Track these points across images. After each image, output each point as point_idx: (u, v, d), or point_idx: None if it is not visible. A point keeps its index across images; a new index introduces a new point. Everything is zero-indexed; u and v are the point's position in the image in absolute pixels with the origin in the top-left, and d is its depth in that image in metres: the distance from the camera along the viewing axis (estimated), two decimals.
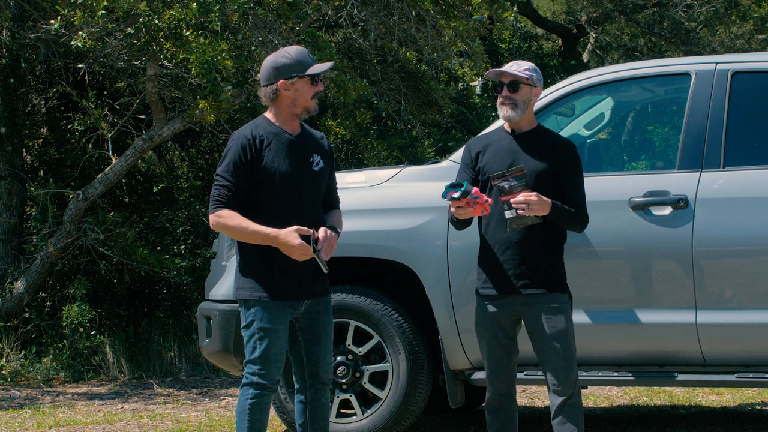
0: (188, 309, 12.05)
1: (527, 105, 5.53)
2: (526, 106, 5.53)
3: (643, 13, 20.19)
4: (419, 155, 13.38)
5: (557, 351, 5.40)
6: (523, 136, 5.56)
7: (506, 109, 5.54)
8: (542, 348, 5.45)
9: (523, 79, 5.51)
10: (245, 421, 5.14)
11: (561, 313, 5.43)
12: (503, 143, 5.58)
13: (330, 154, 5.35)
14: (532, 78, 5.52)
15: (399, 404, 6.56)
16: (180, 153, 13.48)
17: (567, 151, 5.52)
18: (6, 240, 11.50)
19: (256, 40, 9.91)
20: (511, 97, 5.52)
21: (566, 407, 5.44)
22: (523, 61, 5.66)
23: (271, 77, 5.16)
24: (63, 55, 11.15)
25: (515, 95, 5.52)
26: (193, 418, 8.49)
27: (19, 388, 10.26)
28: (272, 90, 5.16)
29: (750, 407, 8.34)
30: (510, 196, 5.30)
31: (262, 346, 5.11)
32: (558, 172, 5.45)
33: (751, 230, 6.06)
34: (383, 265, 6.68)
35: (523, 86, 5.52)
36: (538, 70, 5.62)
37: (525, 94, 5.52)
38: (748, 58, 6.70)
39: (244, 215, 5.08)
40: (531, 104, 5.55)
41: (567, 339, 5.42)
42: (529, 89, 5.53)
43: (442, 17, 10.91)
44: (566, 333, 5.42)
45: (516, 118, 5.54)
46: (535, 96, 5.56)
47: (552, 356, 5.42)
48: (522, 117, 5.54)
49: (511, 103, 5.52)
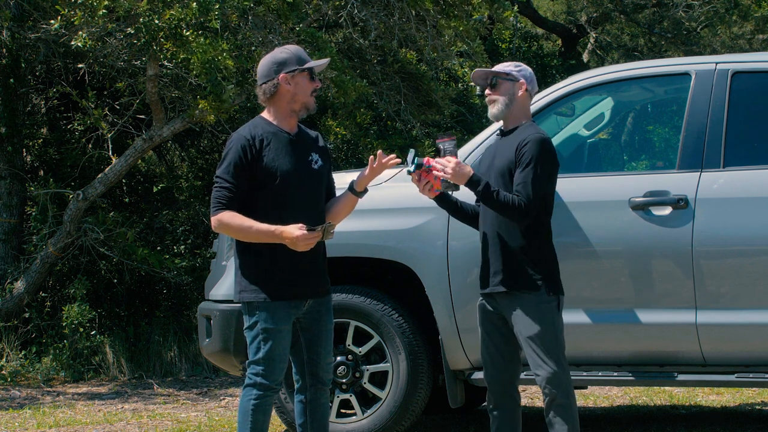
0: (188, 309, 12.05)
1: (511, 100, 5.50)
2: (510, 101, 5.50)
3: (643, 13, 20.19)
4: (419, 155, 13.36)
5: (534, 352, 5.36)
6: (506, 134, 5.57)
7: (490, 107, 5.57)
8: (524, 348, 5.44)
9: (501, 74, 5.50)
10: (248, 421, 5.13)
11: (537, 313, 5.36)
12: (492, 146, 5.66)
13: (327, 152, 5.36)
14: (511, 73, 5.50)
15: (399, 404, 6.56)
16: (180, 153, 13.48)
17: (523, 145, 5.38)
18: (6, 240, 11.50)
19: (256, 40, 9.91)
20: (491, 95, 5.54)
21: (554, 407, 5.40)
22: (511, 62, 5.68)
23: (272, 72, 5.16)
24: (63, 55, 11.15)
25: (495, 92, 5.52)
26: (193, 418, 8.49)
27: (19, 388, 10.26)
28: (272, 85, 5.16)
29: (750, 407, 8.33)
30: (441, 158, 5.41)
31: (266, 347, 5.10)
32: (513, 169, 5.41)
33: (751, 230, 6.05)
34: (383, 265, 6.68)
35: (503, 81, 5.51)
36: (524, 66, 5.58)
37: (506, 88, 5.51)
38: (748, 58, 6.70)
39: (246, 215, 5.08)
40: (517, 98, 5.52)
41: (543, 339, 5.35)
42: (510, 84, 5.51)
43: (442, 17, 10.91)
44: (542, 334, 5.35)
45: (500, 115, 5.54)
46: (520, 89, 5.52)
47: (530, 357, 5.39)
48: (507, 113, 5.51)
49: (492, 101, 5.53)
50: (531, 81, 5.56)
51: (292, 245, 5.02)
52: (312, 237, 5.00)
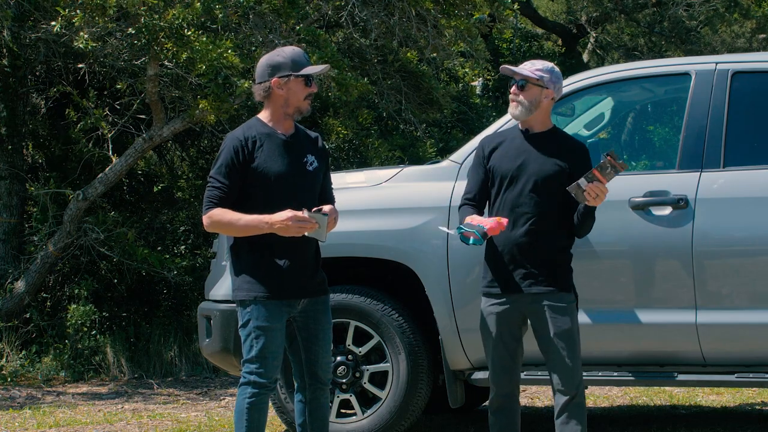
0: (188, 309, 12.05)
1: (535, 106, 5.47)
2: (534, 107, 5.47)
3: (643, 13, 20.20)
4: (421, 155, 13.37)
5: (562, 351, 5.39)
6: (536, 136, 5.52)
7: (511, 106, 5.53)
8: (547, 348, 5.44)
9: (532, 80, 5.47)
10: (243, 420, 5.14)
11: (567, 313, 5.42)
12: (515, 142, 5.55)
13: (324, 154, 5.36)
14: (542, 79, 5.46)
15: (399, 404, 6.56)
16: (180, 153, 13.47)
17: (580, 153, 5.49)
18: (6, 240, 11.50)
19: (257, 40, 9.90)
20: (517, 96, 5.50)
21: (570, 407, 5.43)
22: (541, 61, 5.60)
23: (265, 75, 5.17)
24: (63, 55, 11.15)
25: (522, 94, 5.48)
26: (193, 418, 8.49)
27: (19, 388, 10.26)
28: (265, 88, 5.18)
29: (750, 407, 8.33)
30: (600, 176, 5.23)
31: (259, 344, 5.12)
32: (572, 174, 5.41)
33: (751, 230, 6.05)
34: (383, 265, 6.68)
35: (532, 86, 5.46)
36: (556, 71, 5.53)
37: (533, 94, 5.47)
38: (748, 58, 6.70)
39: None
40: (542, 105, 5.48)
41: (572, 339, 5.41)
42: (539, 90, 5.46)
43: (443, 16, 10.90)
44: (571, 333, 5.41)
45: (520, 117, 5.52)
46: (546, 98, 5.48)
47: (557, 356, 5.41)
48: (528, 117, 5.49)
49: (516, 102, 5.50)
50: (559, 89, 5.53)
51: (283, 231, 5.00)
52: (306, 219, 4.98)
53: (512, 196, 5.46)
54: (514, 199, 5.45)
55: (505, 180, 5.48)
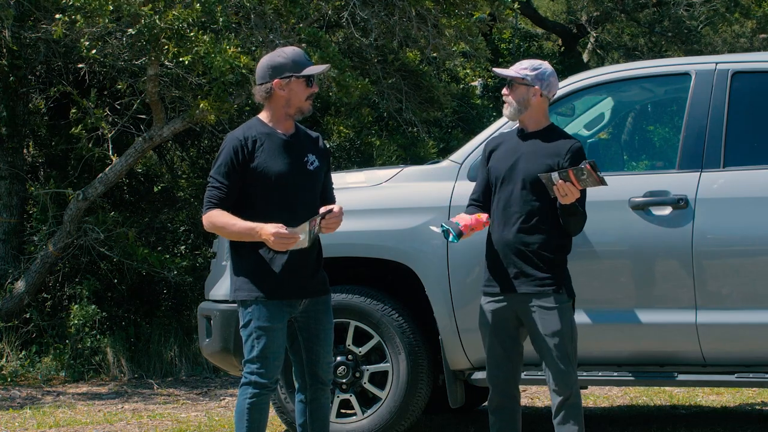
0: (188, 309, 12.04)
1: (524, 105, 5.50)
2: (523, 106, 5.50)
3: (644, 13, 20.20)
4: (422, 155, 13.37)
5: (553, 351, 5.40)
6: (530, 136, 5.54)
7: (504, 107, 5.59)
8: (540, 348, 5.46)
9: (517, 79, 5.49)
10: (244, 420, 5.14)
11: (556, 314, 5.41)
12: (511, 143, 5.59)
13: (326, 154, 5.36)
14: (526, 77, 5.48)
15: (399, 404, 6.56)
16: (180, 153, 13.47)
17: (571, 151, 5.46)
18: (6, 240, 11.50)
19: (257, 40, 9.90)
20: (507, 96, 5.55)
21: (566, 407, 5.44)
22: (529, 61, 5.61)
23: (266, 76, 5.17)
24: (63, 55, 11.15)
25: (510, 94, 5.53)
26: (193, 418, 8.49)
27: (19, 388, 10.26)
28: (266, 89, 5.17)
29: (750, 407, 8.33)
30: (573, 177, 5.22)
31: (260, 344, 5.12)
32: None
33: (751, 230, 6.05)
34: (383, 265, 6.68)
35: (518, 86, 5.50)
36: (543, 68, 5.52)
37: (520, 93, 5.50)
38: (748, 58, 6.70)
39: (241, 215, 5.08)
40: (532, 104, 5.50)
41: (562, 340, 5.40)
42: (525, 89, 5.49)
43: (443, 16, 10.90)
44: (561, 334, 5.40)
45: (511, 117, 5.58)
46: (535, 96, 5.49)
47: (548, 357, 5.42)
48: (520, 116, 5.53)
49: (506, 102, 5.55)
50: (547, 85, 5.50)
51: (269, 244, 5.01)
52: (287, 237, 4.98)
53: (505, 195, 5.50)
54: (506, 199, 5.49)
55: (499, 180, 5.53)
